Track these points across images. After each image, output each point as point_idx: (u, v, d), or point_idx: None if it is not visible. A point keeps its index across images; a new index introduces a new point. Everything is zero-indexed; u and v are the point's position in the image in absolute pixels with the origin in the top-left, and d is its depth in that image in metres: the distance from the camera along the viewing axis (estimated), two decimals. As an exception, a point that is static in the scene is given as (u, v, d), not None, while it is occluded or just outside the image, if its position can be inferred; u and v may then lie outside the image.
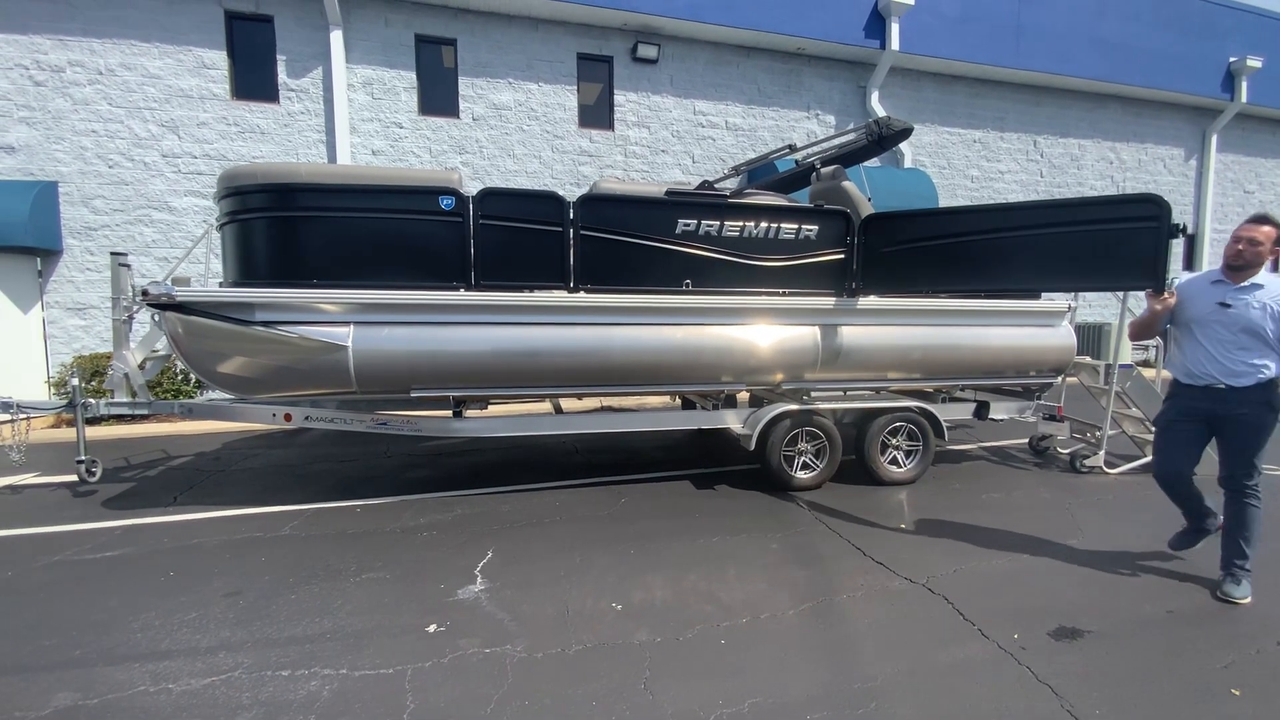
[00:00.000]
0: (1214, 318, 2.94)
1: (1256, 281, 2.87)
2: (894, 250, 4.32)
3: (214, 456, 5.85)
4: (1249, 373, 2.86)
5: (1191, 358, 3.02)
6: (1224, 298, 2.91)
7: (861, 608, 2.89)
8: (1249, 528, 2.97)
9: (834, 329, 4.55)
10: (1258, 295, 2.84)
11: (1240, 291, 2.88)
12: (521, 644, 2.59)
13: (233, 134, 8.12)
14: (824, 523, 4.01)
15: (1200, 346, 2.98)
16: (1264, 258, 2.84)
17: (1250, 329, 2.84)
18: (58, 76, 7.53)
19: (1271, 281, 2.85)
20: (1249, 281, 2.88)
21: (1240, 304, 2.87)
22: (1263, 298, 2.83)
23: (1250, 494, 2.96)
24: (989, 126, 11.49)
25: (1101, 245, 3.51)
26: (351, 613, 2.86)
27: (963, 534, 3.82)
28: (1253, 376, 2.85)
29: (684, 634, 2.66)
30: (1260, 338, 2.83)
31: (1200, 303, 2.99)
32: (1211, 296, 2.96)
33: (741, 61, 10.02)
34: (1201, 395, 3.00)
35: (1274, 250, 2.82)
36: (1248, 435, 2.90)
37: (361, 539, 3.75)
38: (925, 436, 4.82)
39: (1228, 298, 2.90)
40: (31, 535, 3.84)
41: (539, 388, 4.23)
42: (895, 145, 4.98)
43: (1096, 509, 4.29)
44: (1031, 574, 3.25)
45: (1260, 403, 2.86)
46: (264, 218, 3.77)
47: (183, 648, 2.57)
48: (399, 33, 8.55)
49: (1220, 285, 2.95)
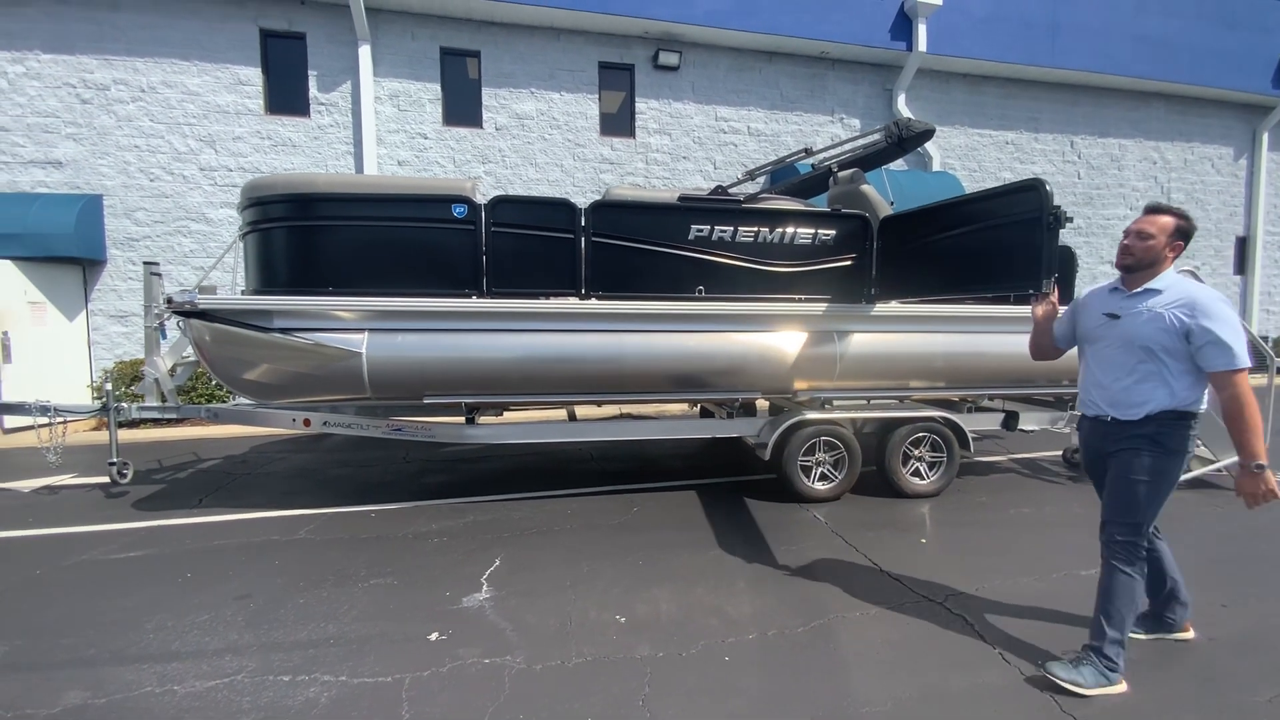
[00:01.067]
0: (1101, 332, 2.34)
1: (1152, 286, 2.23)
2: (900, 253, 4.22)
3: (241, 460, 6.00)
4: (1135, 403, 2.25)
5: (1081, 383, 2.47)
6: (1113, 307, 2.32)
7: (874, 626, 2.78)
8: (1112, 601, 2.29)
9: (853, 336, 4.43)
10: (1150, 302, 2.21)
11: (1132, 299, 2.27)
12: (521, 655, 2.55)
13: (266, 147, 8.39)
14: (840, 536, 3.89)
15: (1089, 369, 2.43)
16: (1157, 254, 2.21)
17: (1139, 345, 2.22)
18: (103, 94, 7.89)
19: (1173, 285, 2.20)
20: (1143, 286, 2.25)
21: (1129, 314, 2.26)
22: (1155, 305, 2.20)
23: (1119, 556, 2.30)
24: (1022, 127, 11.15)
25: (997, 243, 3.35)
26: (357, 618, 2.87)
27: (987, 550, 3.65)
28: (1140, 408, 2.24)
29: (688, 649, 2.59)
30: (1152, 357, 2.21)
31: (1091, 314, 2.41)
32: (1102, 307, 2.37)
33: (764, 67, 9.94)
34: (1092, 430, 2.42)
35: (1173, 246, 2.22)
36: (1123, 481, 2.26)
37: (373, 544, 3.78)
38: (949, 448, 4.65)
39: (1117, 307, 2.31)
40: (62, 535, 3.98)
41: (551, 395, 4.22)
42: (917, 147, 4.85)
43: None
44: (1060, 594, 3.08)
45: (1145, 440, 2.21)
46: (283, 227, 3.86)
47: (191, 650, 2.61)
48: (424, 46, 8.73)
49: (1115, 294, 2.35)
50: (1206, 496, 4.71)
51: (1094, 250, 11.69)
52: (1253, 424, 2.08)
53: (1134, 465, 2.25)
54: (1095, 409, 2.39)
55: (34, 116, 7.71)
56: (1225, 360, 2.09)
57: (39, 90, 7.69)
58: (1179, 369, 2.19)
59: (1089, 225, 11.64)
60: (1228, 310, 2.13)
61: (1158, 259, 2.23)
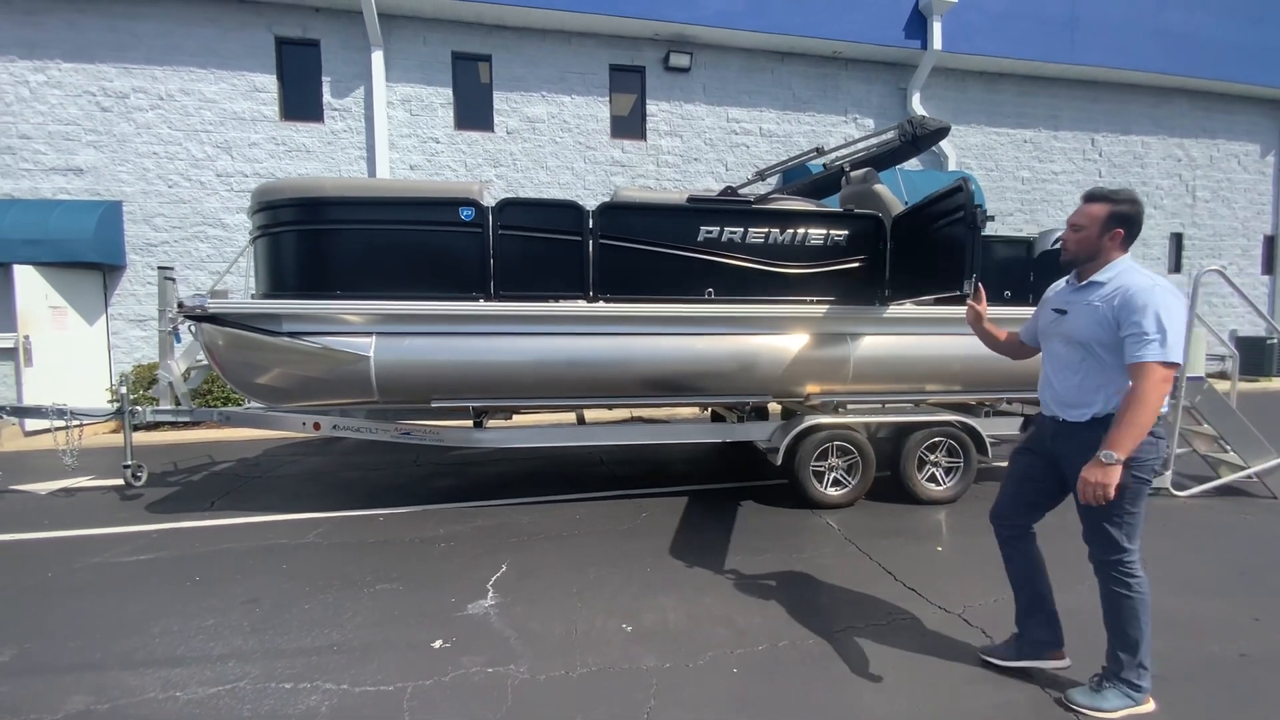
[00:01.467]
0: (1051, 329, 2.26)
1: (1097, 279, 2.10)
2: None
3: (254, 463, 6.04)
4: (1081, 403, 2.11)
5: (1039, 380, 2.36)
6: (1062, 303, 2.22)
7: (890, 638, 2.70)
8: (1121, 622, 2.17)
9: (866, 338, 4.34)
10: (1091, 296, 2.09)
11: (1078, 293, 2.16)
12: (525, 664, 2.51)
13: (280, 153, 8.48)
14: (854, 543, 3.80)
15: (1043, 367, 2.33)
16: (1093, 245, 2.09)
17: (1078, 341, 2.11)
18: (122, 103, 8.03)
19: (1116, 276, 2.05)
20: (1089, 279, 2.12)
21: (1075, 309, 2.14)
22: (1095, 298, 2.08)
23: (1114, 578, 2.16)
24: (1041, 125, 10.95)
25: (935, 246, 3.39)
26: (361, 625, 2.85)
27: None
28: (1086, 409, 2.10)
29: (695, 660, 2.53)
30: (1090, 353, 2.09)
31: (1045, 311, 2.31)
32: (1054, 303, 2.27)
33: (775, 67, 9.87)
34: (1046, 428, 2.30)
35: (1112, 235, 2.06)
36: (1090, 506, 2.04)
37: (380, 548, 3.76)
38: (967, 453, 4.54)
39: (1065, 302, 2.21)
40: (76, 537, 4.01)
41: (559, 399, 4.18)
42: (931, 145, 4.75)
43: (1162, 536, 3.93)
44: (1084, 607, 2.96)
45: (1094, 448, 1.97)
46: (291, 231, 3.87)
47: (196, 655, 2.60)
48: (436, 50, 8.78)
49: (1067, 288, 2.26)
50: (1236, 504, 4.55)
51: (1116, 250, 11.42)
52: (1137, 423, 1.90)
53: None
54: (1048, 409, 2.28)
55: (55, 124, 7.86)
56: (1138, 351, 1.92)
57: (60, 99, 7.84)
58: (1120, 366, 2.02)
59: (1110, 225, 11.37)
60: (1163, 300, 1.93)
61: (1095, 250, 2.11)
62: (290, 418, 4.38)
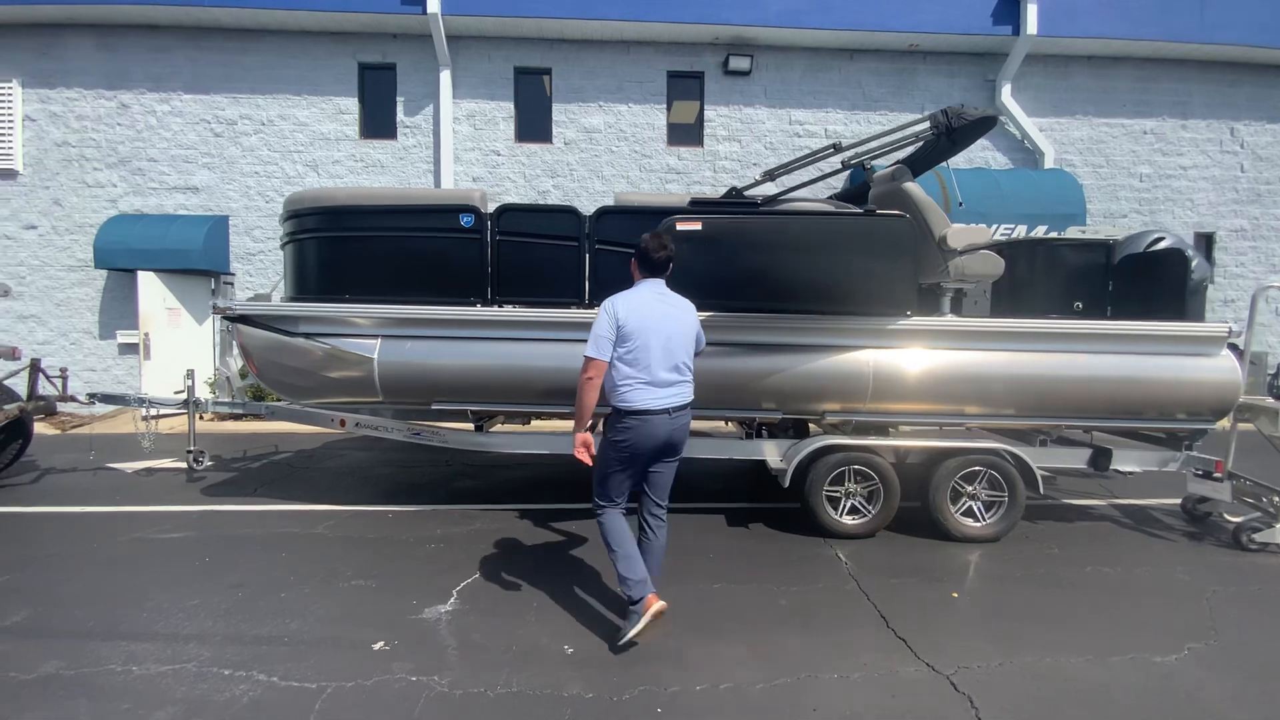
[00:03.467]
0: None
1: None
2: None
3: (309, 455, 6.50)
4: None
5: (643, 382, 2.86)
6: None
7: (852, 694, 2.36)
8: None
9: (889, 352, 3.92)
10: None
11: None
12: (449, 677, 2.45)
13: (359, 169, 9.17)
14: (856, 580, 3.41)
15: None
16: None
17: None
18: (231, 128, 9.04)
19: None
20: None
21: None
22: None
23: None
24: (1165, 114, 9.55)
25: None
26: (321, 619, 2.92)
27: (1037, 615, 3.02)
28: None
29: (622, 694, 2.35)
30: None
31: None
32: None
33: (844, 65, 9.34)
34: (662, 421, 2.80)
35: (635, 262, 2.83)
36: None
37: (375, 545, 3.88)
38: (1012, 486, 3.96)
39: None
40: (132, 512, 4.48)
41: (556, 405, 4.12)
42: (975, 139, 4.22)
43: (1250, 602, 3.20)
44: (1116, 684, 2.45)
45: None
46: (309, 238, 4.12)
47: (167, 633, 2.78)
48: (499, 67, 9.13)
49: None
50: (1381, 572, 3.63)
51: (1263, 256, 9.71)
52: (581, 404, 2.70)
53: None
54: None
55: (177, 149, 9.00)
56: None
57: (181, 126, 8.97)
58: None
59: (1256, 227, 9.69)
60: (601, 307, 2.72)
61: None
62: (321, 414, 4.63)
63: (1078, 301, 4.43)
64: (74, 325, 9.13)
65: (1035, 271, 4.67)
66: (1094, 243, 4.57)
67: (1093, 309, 4.50)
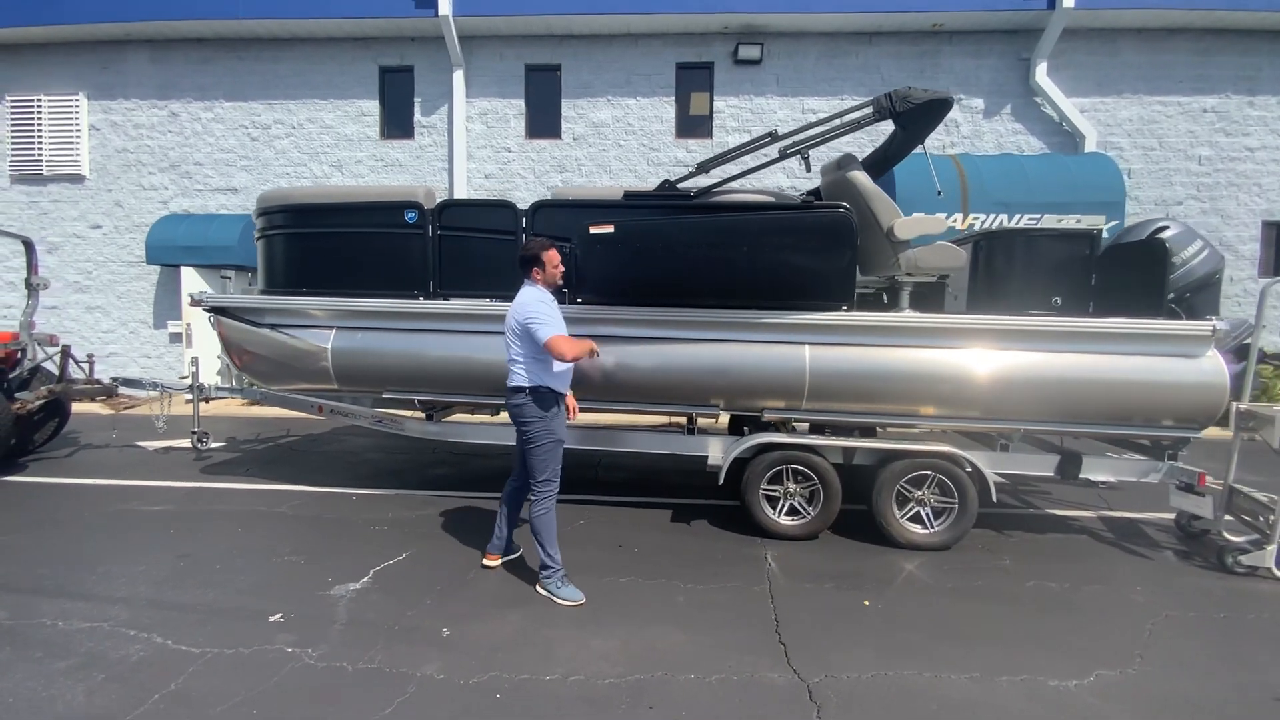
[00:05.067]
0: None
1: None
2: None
3: (314, 439, 6.90)
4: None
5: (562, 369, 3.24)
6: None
7: (698, 696, 2.32)
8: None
9: (831, 349, 3.77)
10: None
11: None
12: (321, 650, 2.58)
13: (379, 168, 9.60)
14: (771, 581, 3.33)
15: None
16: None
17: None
18: (266, 133, 9.66)
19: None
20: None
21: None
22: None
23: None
24: (1228, 90, 8.62)
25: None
26: (238, 590, 3.13)
27: (943, 629, 2.86)
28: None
29: (471, 679, 2.40)
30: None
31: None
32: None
33: (861, 50, 8.95)
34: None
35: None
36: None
37: (325, 525, 4.10)
38: (963, 492, 3.73)
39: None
40: (132, 486, 4.91)
41: (496, 398, 4.21)
42: (933, 123, 3.97)
43: (1204, 630, 2.90)
44: (988, 708, 2.29)
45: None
46: (275, 234, 4.38)
47: (102, 594, 3.06)
48: (511, 65, 9.31)
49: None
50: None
51: (1347, 248, 8.62)
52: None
53: None
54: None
55: (219, 153, 9.70)
56: None
57: (222, 131, 9.66)
58: None
59: (1338, 214, 8.61)
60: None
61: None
62: (303, 400, 4.91)
63: (1057, 297, 4.11)
64: (132, 315, 10.03)
65: (1014, 264, 4.35)
66: (1076, 233, 4.22)
67: (1075, 305, 4.15)
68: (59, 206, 9.84)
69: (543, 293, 3.13)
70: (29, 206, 9.83)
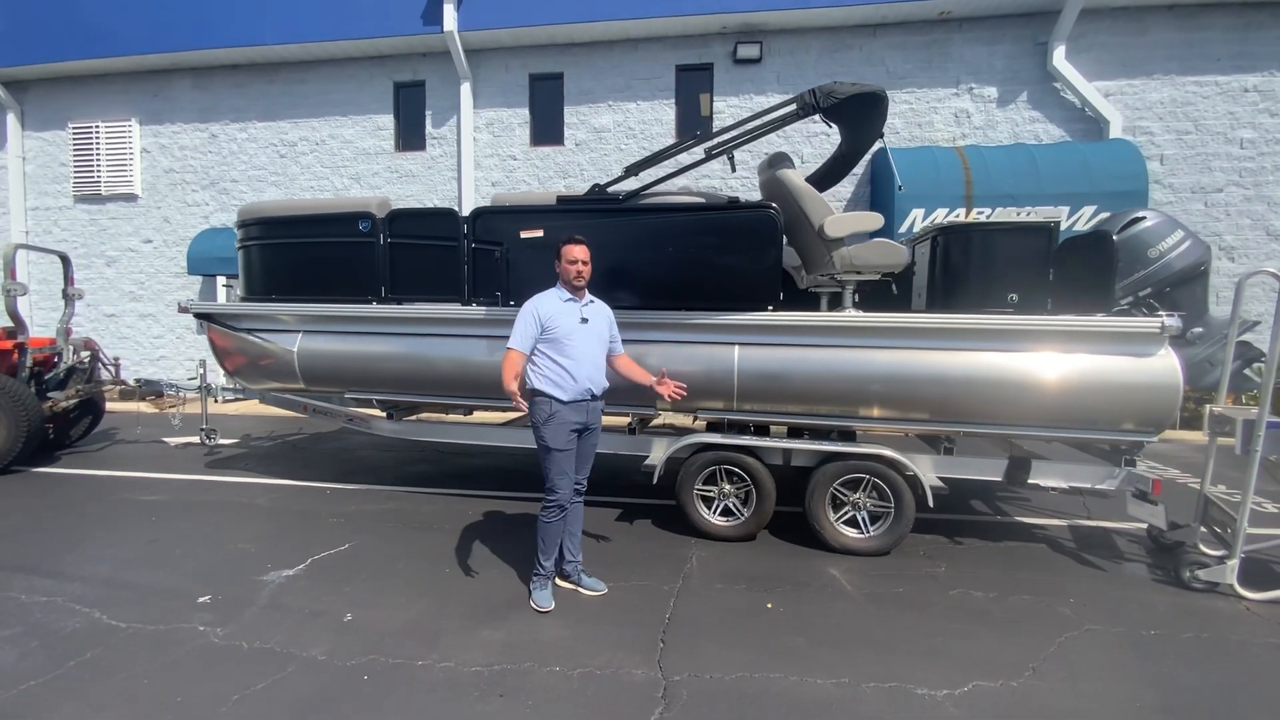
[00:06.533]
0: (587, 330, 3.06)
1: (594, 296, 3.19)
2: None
3: (319, 437, 7.32)
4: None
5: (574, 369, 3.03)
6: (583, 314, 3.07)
7: (553, 688, 2.39)
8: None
9: (759, 349, 3.75)
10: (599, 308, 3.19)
11: (588, 307, 3.11)
12: (229, 629, 2.79)
13: (394, 179, 10.06)
14: (684, 581, 3.35)
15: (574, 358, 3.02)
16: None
17: (608, 339, 3.19)
18: (292, 149, 10.30)
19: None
20: (590, 298, 3.15)
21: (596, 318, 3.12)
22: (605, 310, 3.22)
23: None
24: (1274, 67, 7.91)
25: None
26: (187, 573, 3.41)
27: (838, 635, 2.81)
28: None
29: (351, 660, 2.56)
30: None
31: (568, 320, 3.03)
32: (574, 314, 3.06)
33: (865, 43, 8.73)
34: (578, 409, 3.04)
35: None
36: (594, 445, 3.26)
37: (288, 516, 4.38)
38: (899, 496, 3.63)
39: (584, 313, 3.07)
40: (139, 477, 5.37)
41: (450, 397, 4.39)
42: (872, 119, 3.85)
43: (1122, 648, 2.72)
44: (841, 714, 2.25)
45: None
46: (251, 244, 4.71)
47: (71, 573, 3.40)
48: (516, 75, 9.58)
49: (575, 304, 3.08)
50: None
51: None
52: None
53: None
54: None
55: (252, 170, 10.41)
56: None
57: (255, 150, 10.37)
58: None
59: None
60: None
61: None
62: (292, 399, 5.25)
63: (1013, 294, 3.92)
64: (179, 322, 10.86)
65: (971, 260, 4.18)
66: (1033, 226, 4.03)
67: (1034, 301, 3.95)
68: (116, 223, 10.80)
69: (556, 292, 3.04)
70: (90, 224, 10.84)
